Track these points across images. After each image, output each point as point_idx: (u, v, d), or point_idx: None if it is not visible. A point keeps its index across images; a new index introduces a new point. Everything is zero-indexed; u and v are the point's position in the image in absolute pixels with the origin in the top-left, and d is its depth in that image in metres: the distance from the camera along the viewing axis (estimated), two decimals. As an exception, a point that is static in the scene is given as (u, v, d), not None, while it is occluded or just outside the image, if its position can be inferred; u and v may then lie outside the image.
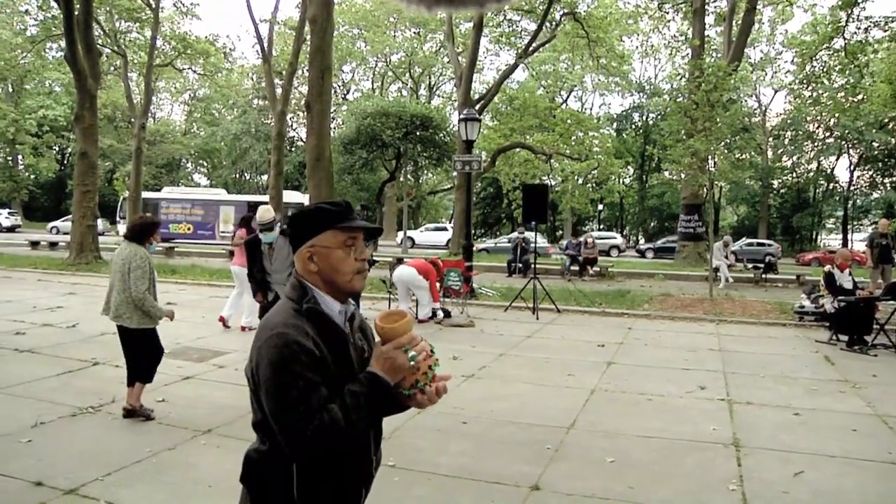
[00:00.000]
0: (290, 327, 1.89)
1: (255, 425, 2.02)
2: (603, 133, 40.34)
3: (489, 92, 31.83)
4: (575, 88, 55.73)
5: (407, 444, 5.63)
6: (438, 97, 58.43)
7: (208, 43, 36.35)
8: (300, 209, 2.12)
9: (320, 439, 1.84)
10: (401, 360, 1.96)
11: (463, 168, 16.43)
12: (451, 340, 10.32)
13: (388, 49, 52.28)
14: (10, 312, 11.89)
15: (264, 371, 1.87)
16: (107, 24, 33.74)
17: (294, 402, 1.83)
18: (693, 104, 16.96)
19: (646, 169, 56.88)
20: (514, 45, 34.42)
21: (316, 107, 17.58)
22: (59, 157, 62.91)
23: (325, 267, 2.02)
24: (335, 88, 47.63)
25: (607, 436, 5.94)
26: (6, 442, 5.55)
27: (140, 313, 6.01)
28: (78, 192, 21.57)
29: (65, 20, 20.73)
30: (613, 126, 56.60)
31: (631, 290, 17.19)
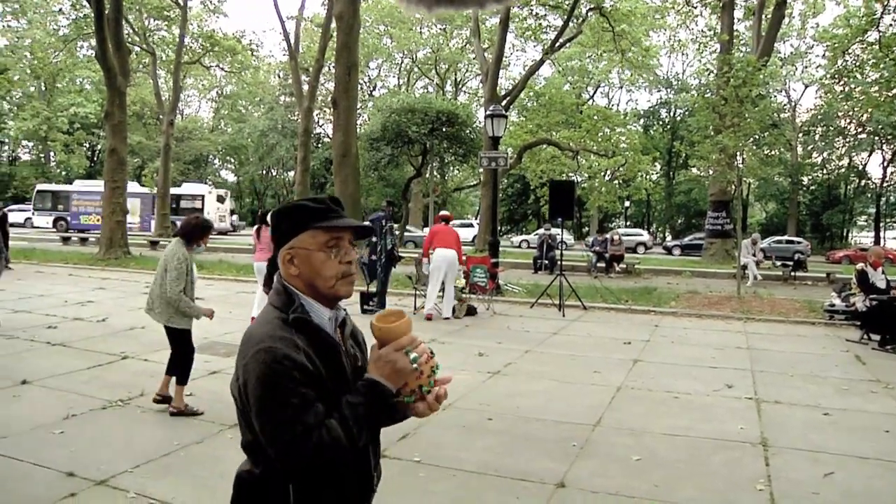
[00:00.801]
0: (277, 340, 1.73)
1: (246, 446, 1.86)
2: (630, 129, 40.04)
3: (515, 88, 31.76)
4: (602, 84, 55.44)
5: (431, 440, 5.64)
6: (464, 93, 58.36)
7: (235, 40, 36.62)
8: (282, 206, 1.94)
9: (320, 458, 1.70)
10: (402, 364, 1.81)
11: (489, 164, 16.41)
12: (476, 337, 10.33)
13: (414, 45, 52.27)
14: (43, 306, 12.09)
15: (253, 390, 1.71)
16: (136, 22, 34.13)
17: (289, 421, 1.67)
18: (721, 100, 16.81)
19: (673, 165, 56.41)
20: (541, 40, 34.26)
21: (342, 103, 17.66)
22: (90, 153, 63.68)
23: (305, 270, 1.85)
24: (361, 85, 47.75)
25: (633, 434, 5.91)
26: (40, 432, 5.66)
27: (171, 311, 6.02)
28: (108, 188, 21.87)
29: (96, 19, 21.01)
30: (640, 122, 56.19)
31: (657, 287, 17.08)
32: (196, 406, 6.20)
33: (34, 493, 4.51)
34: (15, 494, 4.49)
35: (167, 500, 4.38)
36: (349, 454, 1.76)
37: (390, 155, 34.13)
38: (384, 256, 12.17)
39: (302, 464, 1.71)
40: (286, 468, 1.75)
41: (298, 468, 1.74)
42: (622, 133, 36.02)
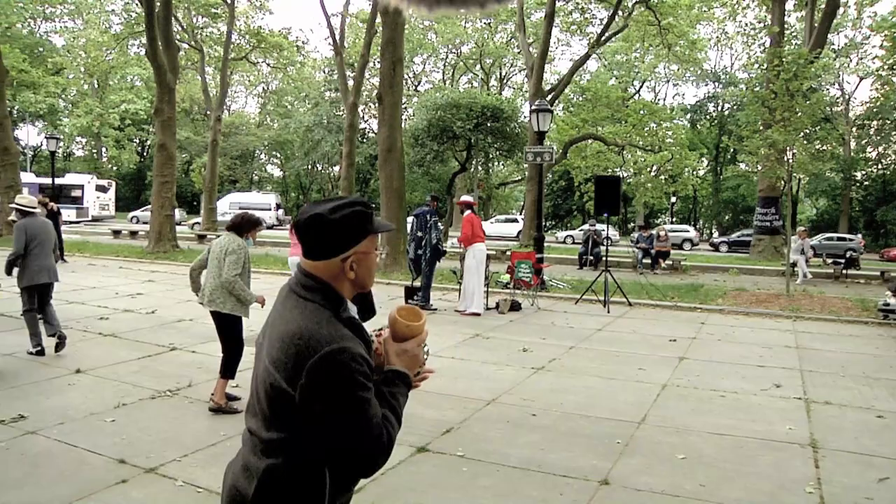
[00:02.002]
0: (348, 340, 1.78)
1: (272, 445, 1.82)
2: (676, 124, 39.48)
3: (561, 82, 31.56)
4: (648, 79, 54.78)
5: (475, 435, 5.65)
6: (509, 88, 58.16)
7: (282, 37, 36.97)
8: (328, 212, 1.86)
9: (391, 446, 1.82)
10: (420, 357, 1.99)
11: (534, 159, 16.33)
12: (521, 332, 10.31)
13: (459, 40, 52.24)
14: (96, 298, 12.40)
15: (332, 389, 1.73)
16: (185, 20, 34.70)
17: (372, 416, 1.77)
18: (771, 94, 16.48)
19: (720, 161, 55.52)
20: (586, 34, 34.02)
21: (387, 98, 17.73)
22: (140, 149, 65.05)
23: (362, 272, 1.91)
24: (406, 80, 47.84)
25: (678, 432, 5.85)
26: (93, 420, 5.84)
27: (233, 300, 6.12)
28: (157, 182, 22.29)
29: (146, 17, 21.41)
30: (687, 117, 55.42)
31: (704, 284, 16.84)
32: (243, 396, 6.29)
33: (89, 477, 4.66)
34: (72, 478, 4.63)
35: (213, 490, 4.46)
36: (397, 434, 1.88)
37: (435, 150, 34.20)
38: (429, 251, 12.20)
39: (382, 454, 1.80)
40: (369, 458, 1.80)
41: (374, 463, 1.81)
42: (668, 128, 35.55)
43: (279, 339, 1.82)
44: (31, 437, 5.42)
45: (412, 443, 5.39)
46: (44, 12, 52.90)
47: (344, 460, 1.82)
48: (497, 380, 7.46)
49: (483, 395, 6.79)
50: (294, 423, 1.79)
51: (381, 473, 4.74)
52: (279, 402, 1.79)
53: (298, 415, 1.77)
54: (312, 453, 1.80)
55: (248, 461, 1.87)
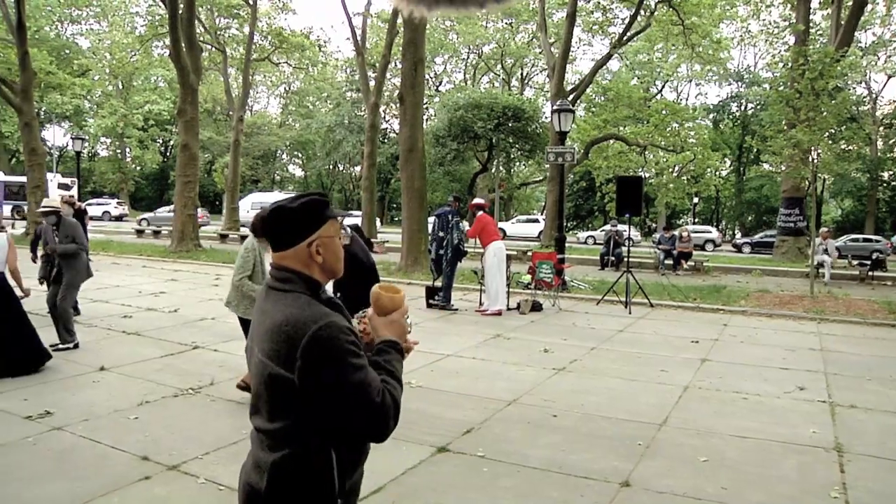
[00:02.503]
0: (331, 315, 1.87)
1: (276, 432, 1.90)
2: (699, 124, 39.21)
3: (582, 82, 31.44)
4: (670, 78, 54.44)
5: (496, 436, 5.65)
6: (530, 88, 58.03)
7: (304, 37, 37.14)
8: (288, 202, 2.02)
9: (395, 412, 1.89)
10: (405, 326, 2.10)
11: (556, 159, 16.29)
12: (542, 333, 10.29)
13: (480, 40, 52.18)
14: (119, 297, 12.53)
15: (328, 365, 1.80)
16: (208, 21, 34.96)
17: (370, 383, 1.83)
18: (796, 93, 16.32)
19: (744, 161, 55.05)
20: (608, 34, 33.85)
21: (409, 98, 17.75)
22: (163, 149, 65.63)
23: (329, 256, 2.02)
24: (427, 80, 47.92)
25: (700, 434, 5.81)
26: (117, 417, 5.91)
27: (246, 302, 6.15)
28: (179, 182, 22.48)
29: (170, 19, 21.59)
30: (710, 117, 54.97)
31: (727, 285, 16.71)
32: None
33: (113, 473, 4.71)
34: (96, 474, 4.69)
35: (235, 487, 4.47)
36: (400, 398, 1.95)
37: (456, 150, 34.30)
38: (450, 251, 12.20)
39: (387, 419, 1.86)
40: (374, 427, 1.86)
41: (384, 423, 1.86)
42: (691, 128, 35.29)
43: (267, 332, 1.90)
44: (57, 432, 5.50)
45: (433, 443, 5.40)
46: (70, 15, 53.58)
47: (354, 432, 1.90)
48: (518, 380, 7.45)
49: (504, 396, 6.78)
50: (297, 408, 1.86)
51: (401, 473, 4.77)
52: (280, 390, 1.86)
53: (300, 398, 1.84)
54: (318, 436, 1.87)
55: (257, 457, 1.97)
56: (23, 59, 25.21)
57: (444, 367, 7.95)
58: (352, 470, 1.99)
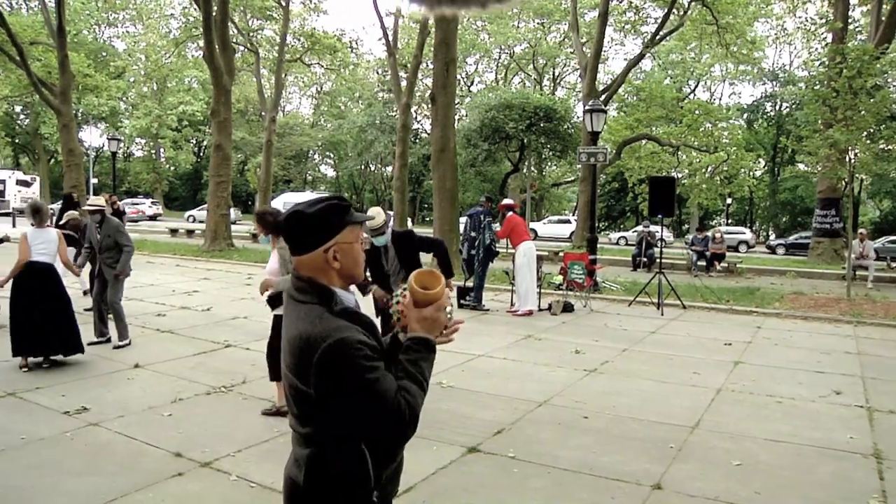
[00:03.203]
0: (343, 330, 1.88)
1: (308, 437, 1.97)
2: (732, 124, 38.75)
3: (614, 82, 31.25)
4: (703, 78, 53.88)
5: (527, 437, 5.64)
6: (562, 88, 57.77)
7: (336, 39, 37.33)
8: (306, 206, 2.03)
9: (413, 415, 1.90)
10: (442, 319, 2.08)
11: (588, 160, 16.19)
12: (574, 334, 10.24)
13: (512, 40, 52.07)
14: (153, 295, 12.70)
15: (340, 378, 1.85)
16: (241, 23, 35.24)
17: (382, 394, 1.86)
18: (833, 92, 16.07)
19: (778, 161, 54.28)
20: (641, 33, 33.61)
21: (440, 99, 17.77)
22: (196, 149, 66.40)
23: (347, 262, 2.01)
24: (459, 80, 47.89)
25: (733, 438, 5.74)
26: (151, 414, 6.00)
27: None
28: (213, 182, 22.73)
29: (203, 21, 21.83)
30: (744, 117, 54.29)
31: (760, 287, 16.50)
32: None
33: (147, 469, 4.79)
34: (131, 470, 4.77)
35: (267, 485, 4.53)
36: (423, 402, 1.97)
37: (487, 150, 34.21)
38: (482, 251, 12.19)
39: (403, 426, 1.90)
40: (391, 434, 1.93)
41: (401, 434, 1.93)
42: (724, 128, 34.92)
43: (287, 344, 1.97)
44: (93, 428, 5.59)
45: (463, 443, 5.40)
46: (107, 18, 54.40)
47: (374, 437, 1.94)
48: (549, 381, 7.42)
49: (535, 397, 6.76)
50: (318, 418, 1.93)
51: (431, 473, 4.78)
52: (301, 401, 1.94)
53: (319, 409, 1.91)
54: (343, 439, 1.93)
55: (295, 452, 2.04)
56: (62, 62, 25.70)
57: (476, 368, 7.95)
58: (387, 461, 2.03)
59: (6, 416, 5.87)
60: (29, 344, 7.27)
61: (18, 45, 25.02)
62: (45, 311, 7.26)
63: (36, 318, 7.22)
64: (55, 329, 7.32)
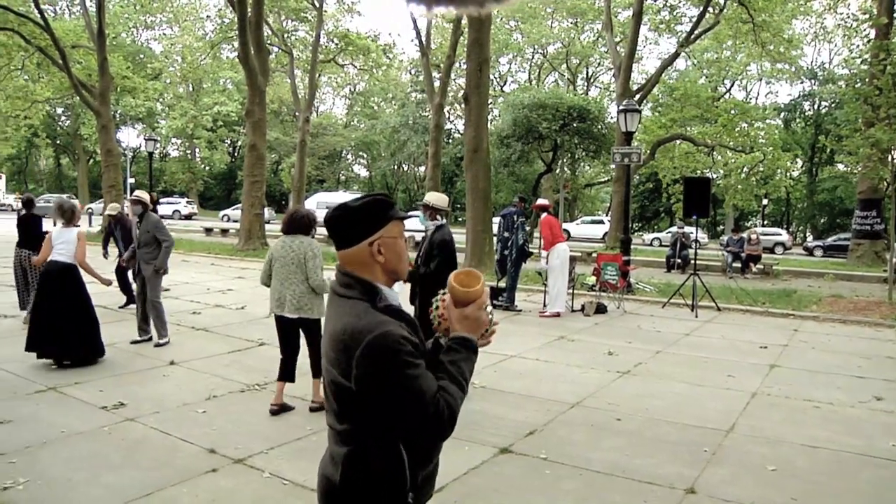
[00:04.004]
0: (387, 325, 1.88)
1: (346, 433, 1.97)
2: (769, 124, 38.21)
3: (649, 82, 30.96)
4: (739, 77, 53.21)
5: (559, 438, 5.61)
6: (596, 88, 57.44)
7: (370, 40, 37.48)
8: (351, 202, 2.06)
9: (451, 416, 1.90)
10: (484, 319, 2.08)
11: (622, 160, 16.07)
12: (607, 335, 10.17)
13: (545, 40, 51.87)
14: (188, 293, 12.87)
15: (380, 374, 1.85)
16: (275, 24, 35.51)
17: (422, 392, 1.86)
18: (875, 90, 15.77)
19: (816, 161, 53.42)
20: (675, 32, 33.28)
21: (474, 99, 17.75)
22: (231, 149, 67.11)
23: (391, 257, 2.03)
24: (492, 80, 47.79)
25: (769, 442, 5.65)
26: (186, 410, 6.07)
27: (319, 302, 6.08)
28: (247, 182, 22.94)
29: (238, 23, 22.03)
30: (781, 116, 53.52)
31: (797, 289, 16.25)
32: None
33: (181, 464, 4.85)
34: (166, 465, 4.84)
35: (299, 482, 4.56)
36: (462, 403, 1.96)
37: (521, 150, 34.12)
38: (515, 252, 12.16)
39: (441, 426, 1.89)
40: (428, 432, 1.92)
41: (439, 433, 1.92)
42: (761, 128, 34.46)
43: (329, 338, 1.97)
44: (129, 423, 5.68)
45: (495, 443, 5.38)
46: (145, 21, 55.16)
47: (412, 435, 1.94)
48: (581, 383, 7.38)
49: (567, 398, 6.73)
50: (358, 414, 1.93)
51: (463, 473, 4.77)
52: (342, 396, 1.94)
53: (359, 405, 1.91)
54: (381, 437, 1.93)
55: (332, 451, 2.04)
56: (102, 64, 26.16)
57: (508, 368, 7.93)
58: (424, 462, 2.03)
59: (47, 410, 5.99)
60: (40, 343, 7.34)
61: (61, 49, 25.49)
62: (59, 312, 7.32)
63: (52, 319, 7.30)
64: (72, 331, 7.34)
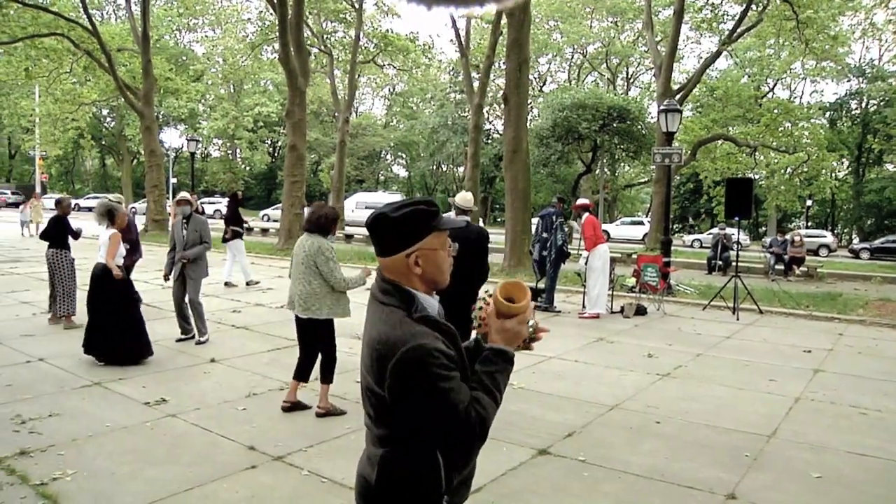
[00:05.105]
0: (421, 337, 1.87)
1: (382, 438, 1.99)
2: (814, 123, 37.53)
3: (690, 81, 30.63)
4: (782, 76, 52.32)
5: (597, 441, 5.57)
6: (636, 88, 56.98)
7: (409, 40, 37.60)
8: (391, 210, 2.00)
9: (482, 428, 1.91)
10: (524, 333, 2.07)
11: (663, 161, 15.92)
12: (646, 338, 10.08)
13: (585, 40, 51.59)
14: (229, 292, 13.10)
15: (411, 385, 1.86)
16: (315, 25, 35.80)
17: (453, 404, 1.86)
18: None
19: (863, 161, 52.33)
20: (717, 31, 32.84)
21: (513, 99, 17.72)
22: (271, 150, 67.80)
23: (430, 268, 2.00)
24: (531, 80, 47.64)
25: (813, 449, 5.54)
26: (226, 407, 6.16)
27: (328, 303, 5.98)
28: (287, 182, 23.15)
29: (279, 25, 22.25)
30: (826, 115, 52.49)
31: (843, 293, 15.91)
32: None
33: (222, 461, 4.92)
34: (207, 461, 4.91)
35: (337, 480, 4.59)
36: (495, 414, 1.96)
37: (560, 151, 34.04)
38: (554, 252, 12.10)
39: (472, 438, 1.91)
40: (458, 443, 1.94)
41: (468, 444, 1.95)
42: (805, 127, 33.88)
43: (367, 345, 1.99)
44: (171, 419, 5.78)
45: (533, 445, 5.37)
46: (188, 24, 56.01)
47: (443, 445, 1.95)
48: (621, 385, 7.32)
49: (606, 400, 6.68)
50: (391, 420, 1.96)
51: (501, 474, 4.77)
52: (376, 402, 1.97)
53: (392, 412, 1.94)
54: (416, 442, 1.94)
55: (369, 451, 2.06)
56: (146, 66, 26.67)
57: (547, 370, 7.89)
58: (460, 467, 2.04)
59: (93, 404, 6.13)
60: (87, 340, 7.55)
61: (107, 53, 26.02)
62: (99, 311, 7.55)
63: (94, 318, 7.56)
64: (113, 331, 7.46)
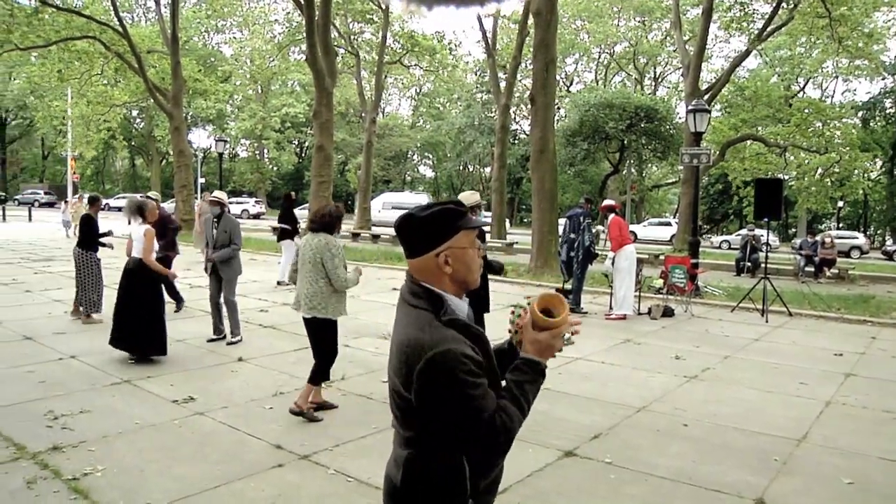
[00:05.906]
0: (449, 342, 1.87)
1: (409, 440, 1.99)
2: (846, 123, 36.97)
3: (718, 81, 30.33)
4: (813, 75, 51.66)
5: (624, 442, 5.53)
6: (664, 88, 56.60)
7: (436, 40, 37.65)
8: (419, 211, 2.01)
9: (506, 436, 1.91)
10: (556, 347, 2.04)
11: (691, 161, 15.77)
12: (674, 339, 10.00)
13: (612, 39, 51.33)
14: (256, 291, 13.13)
15: (437, 390, 1.86)
16: (342, 26, 35.96)
17: (478, 411, 1.86)
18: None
19: (897, 162, 51.56)
20: (746, 30, 32.50)
21: (540, 99, 17.66)
22: (298, 150, 68.21)
23: (459, 268, 1.99)
24: (558, 80, 47.48)
25: (844, 454, 5.44)
26: (253, 406, 6.21)
27: (333, 302, 6.00)
28: (314, 182, 23.26)
29: (307, 26, 22.39)
30: (859, 115, 51.71)
31: (875, 295, 15.65)
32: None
33: (249, 459, 4.96)
34: (234, 459, 4.95)
35: (363, 480, 4.60)
36: (521, 423, 1.95)
37: (587, 151, 33.93)
38: (581, 253, 12.04)
39: (495, 446, 1.92)
40: (482, 450, 1.94)
41: (493, 452, 1.97)
42: (837, 127, 33.39)
43: (395, 347, 1.99)
44: (199, 417, 5.83)
45: (560, 446, 5.34)
46: (216, 25, 56.58)
47: (467, 450, 1.95)
48: (648, 387, 7.27)
49: (633, 402, 6.64)
50: (417, 423, 1.95)
51: (527, 475, 4.76)
52: (402, 405, 1.96)
53: (418, 415, 1.93)
54: (442, 446, 1.94)
55: (395, 452, 2.06)
56: (175, 68, 26.97)
57: (574, 371, 7.86)
58: (487, 471, 2.04)
59: (123, 402, 6.21)
60: (115, 334, 7.66)
61: (137, 54, 26.35)
62: (125, 306, 7.66)
63: (119, 312, 7.65)
64: (134, 326, 7.56)
